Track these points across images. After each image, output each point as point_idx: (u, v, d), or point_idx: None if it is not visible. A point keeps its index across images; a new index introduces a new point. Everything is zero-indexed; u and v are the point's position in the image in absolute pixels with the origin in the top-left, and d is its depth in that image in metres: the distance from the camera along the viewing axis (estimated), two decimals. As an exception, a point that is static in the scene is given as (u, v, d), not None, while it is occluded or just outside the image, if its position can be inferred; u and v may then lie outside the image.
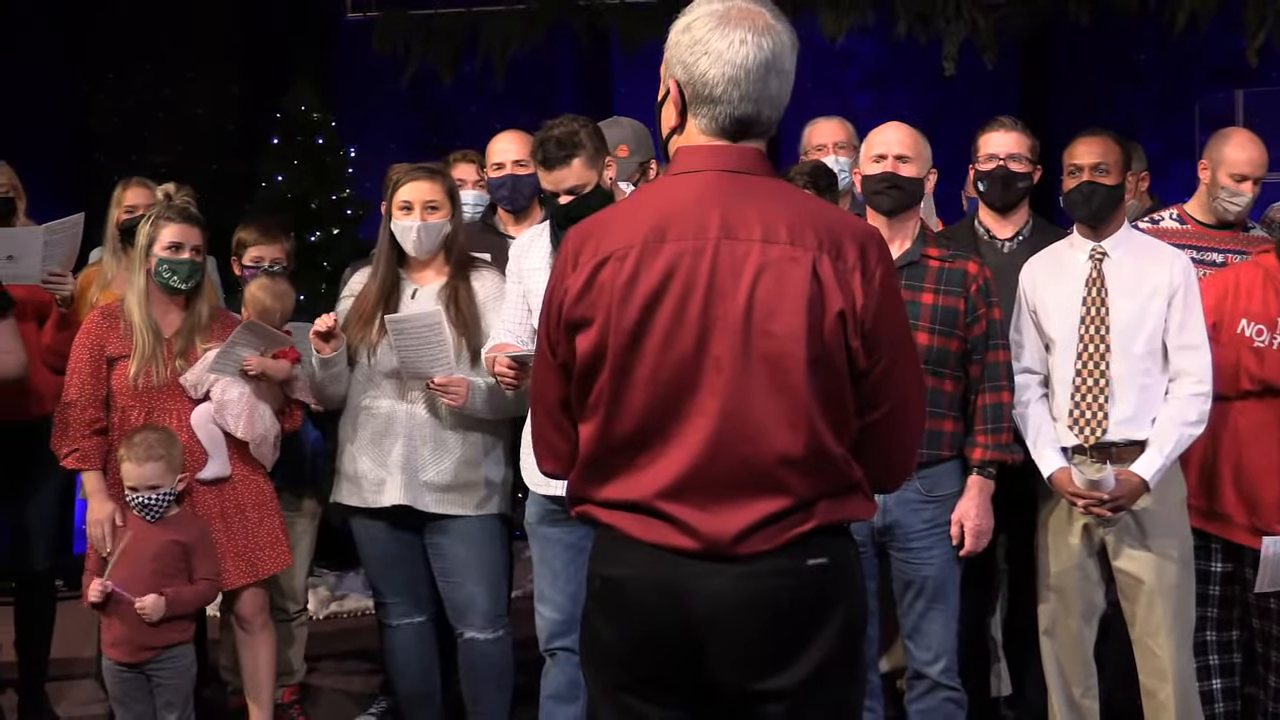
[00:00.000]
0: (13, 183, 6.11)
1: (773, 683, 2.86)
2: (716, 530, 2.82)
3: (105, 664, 5.13)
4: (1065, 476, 4.77)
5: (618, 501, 2.92)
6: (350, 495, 5.20)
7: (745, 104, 2.85)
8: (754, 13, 2.85)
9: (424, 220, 5.06)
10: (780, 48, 2.85)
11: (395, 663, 5.38)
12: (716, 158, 2.88)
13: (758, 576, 2.83)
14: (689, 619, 2.85)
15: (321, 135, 8.27)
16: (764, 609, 2.83)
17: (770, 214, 2.81)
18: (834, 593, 2.89)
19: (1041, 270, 4.98)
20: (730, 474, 2.82)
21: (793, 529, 2.83)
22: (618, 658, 2.98)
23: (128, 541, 4.97)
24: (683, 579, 2.85)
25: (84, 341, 5.18)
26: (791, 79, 2.88)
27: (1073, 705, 4.96)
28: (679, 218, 2.84)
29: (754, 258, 2.79)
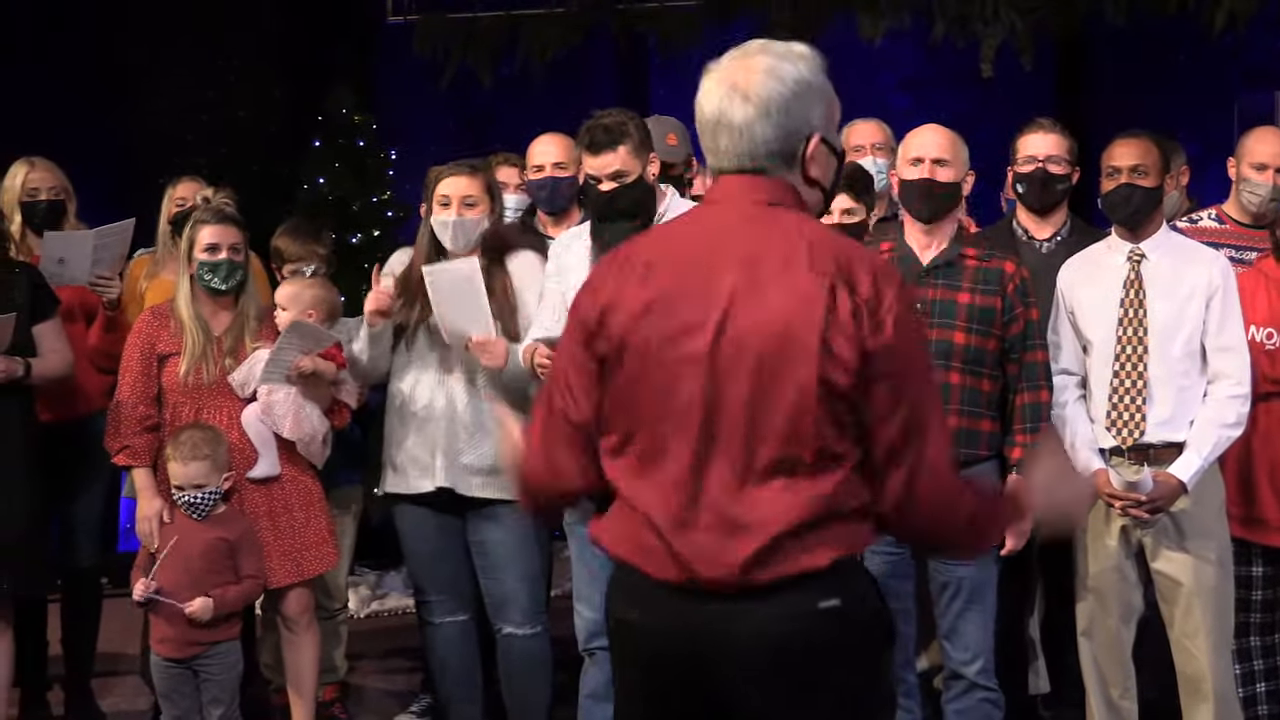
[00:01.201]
0: (63, 184, 6.14)
1: (795, 716, 2.85)
2: (722, 561, 2.80)
3: (152, 659, 5.17)
4: (1103, 478, 4.76)
5: (627, 534, 2.92)
6: (396, 483, 5.23)
7: (709, 154, 2.93)
8: (739, 66, 2.88)
9: (460, 215, 5.08)
10: (730, 105, 2.85)
11: (437, 661, 5.40)
12: (732, 189, 2.91)
13: (770, 621, 2.81)
14: (702, 667, 2.85)
15: (362, 137, 8.29)
16: (777, 657, 2.82)
17: (783, 243, 2.81)
18: (849, 633, 2.86)
19: (1079, 272, 4.97)
20: (731, 501, 2.81)
21: (800, 562, 2.79)
22: (635, 702, 3.01)
23: (174, 544, 5.00)
24: (695, 623, 2.84)
25: (135, 340, 5.24)
26: (754, 136, 2.85)
27: (1111, 706, 4.95)
28: (697, 245, 2.88)
29: (769, 285, 2.78)
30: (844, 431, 2.79)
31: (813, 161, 2.90)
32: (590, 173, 4.77)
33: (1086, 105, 9.01)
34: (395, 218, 8.19)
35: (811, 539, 2.79)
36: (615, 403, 2.91)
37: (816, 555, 2.79)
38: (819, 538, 2.80)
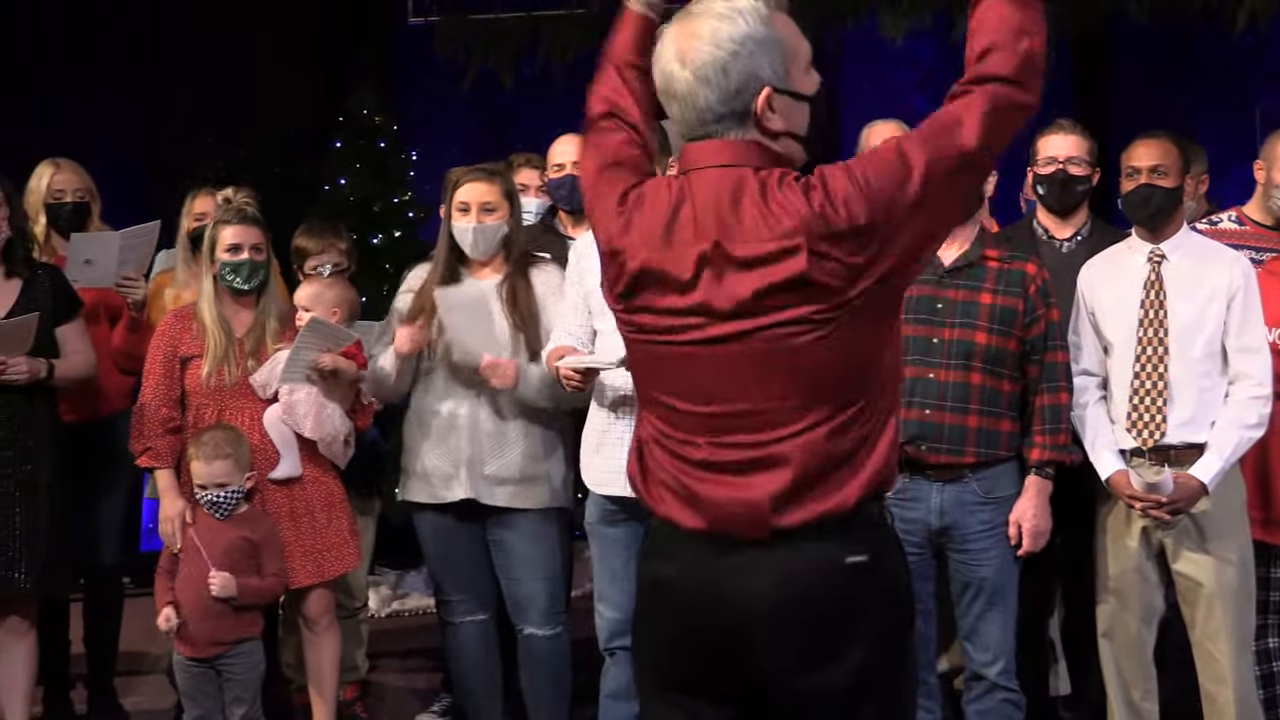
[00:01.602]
0: (88, 186, 6.15)
1: (817, 680, 2.84)
2: (734, 504, 2.84)
3: (175, 659, 5.18)
4: (1123, 479, 4.75)
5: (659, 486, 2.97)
6: (419, 492, 5.24)
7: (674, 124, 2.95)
8: (681, 31, 2.88)
9: (480, 222, 5.09)
10: (670, 74, 2.87)
11: (457, 660, 5.41)
12: (704, 155, 2.89)
13: (797, 574, 2.82)
14: (731, 619, 2.86)
15: (383, 138, 8.32)
16: (803, 610, 2.83)
17: (760, 206, 2.79)
18: (876, 590, 2.87)
19: (1100, 272, 4.96)
20: (738, 445, 2.84)
21: (826, 502, 2.81)
22: (665, 657, 3.00)
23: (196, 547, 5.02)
24: (724, 578, 2.86)
25: (158, 343, 5.26)
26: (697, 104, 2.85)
27: (1132, 707, 4.94)
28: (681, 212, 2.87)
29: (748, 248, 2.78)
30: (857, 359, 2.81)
31: (767, 115, 2.84)
32: (611, 172, 4.76)
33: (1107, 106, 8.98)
34: (416, 218, 8.21)
35: (834, 479, 2.81)
36: (639, 354, 2.98)
37: (839, 496, 2.81)
38: (841, 477, 2.82)
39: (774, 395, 2.81)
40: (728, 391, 2.84)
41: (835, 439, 2.81)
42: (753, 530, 2.83)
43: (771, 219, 2.76)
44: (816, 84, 2.93)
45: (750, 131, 2.85)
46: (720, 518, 2.86)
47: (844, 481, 2.83)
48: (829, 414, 2.81)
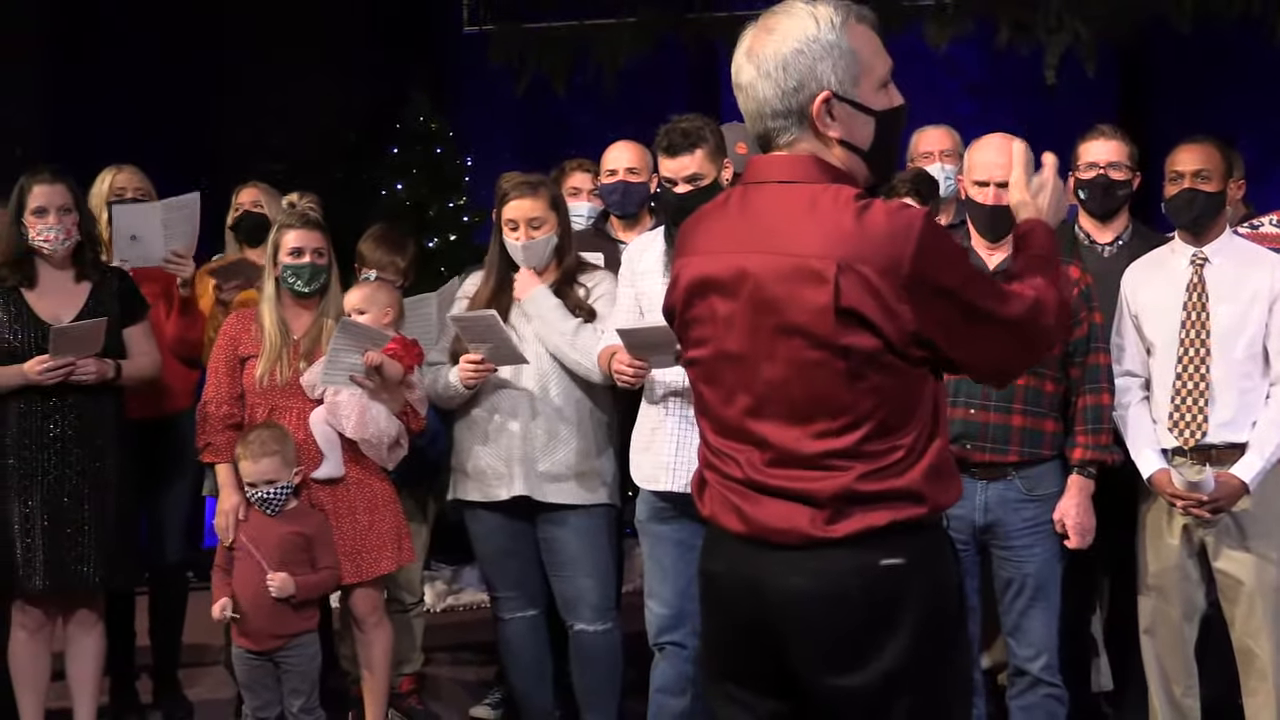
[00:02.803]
0: (148, 187, 6.18)
1: (849, 680, 2.83)
2: (784, 520, 2.84)
3: (235, 652, 5.22)
4: (1165, 478, 4.73)
5: (712, 485, 3.00)
6: (471, 491, 5.25)
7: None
8: (754, 31, 2.88)
9: (529, 237, 5.11)
10: (741, 68, 2.87)
11: (509, 654, 5.43)
12: (767, 169, 2.91)
13: (833, 574, 2.82)
14: (768, 614, 2.87)
15: (439, 144, 8.36)
16: (837, 607, 2.82)
17: (804, 225, 2.79)
18: (910, 592, 2.84)
19: (1143, 275, 4.94)
20: (785, 465, 2.84)
21: (858, 521, 2.80)
22: (719, 650, 3.04)
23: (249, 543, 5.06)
24: (763, 574, 2.87)
25: (222, 342, 5.31)
26: (758, 95, 2.85)
27: (1174, 704, 4.91)
28: (735, 226, 2.89)
29: (786, 270, 2.78)
30: (891, 402, 2.80)
31: (824, 120, 2.82)
32: (666, 175, 4.79)
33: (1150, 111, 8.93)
34: (470, 222, 8.24)
35: (868, 503, 2.81)
36: (693, 368, 3.01)
37: (875, 515, 2.81)
38: (876, 502, 2.81)
39: (809, 432, 2.82)
40: (763, 419, 2.86)
41: (873, 479, 2.81)
42: (792, 541, 2.84)
43: (811, 235, 2.77)
44: (891, 104, 2.90)
45: (807, 135, 2.85)
46: (763, 529, 2.88)
47: (884, 508, 2.81)
48: (862, 456, 2.80)
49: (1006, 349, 2.91)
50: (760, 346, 2.82)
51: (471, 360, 5.07)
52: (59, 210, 5.26)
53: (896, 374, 2.79)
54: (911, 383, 2.82)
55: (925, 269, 2.73)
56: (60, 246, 5.28)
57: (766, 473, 2.86)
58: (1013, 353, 2.93)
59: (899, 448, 2.81)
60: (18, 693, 5.39)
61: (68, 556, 5.20)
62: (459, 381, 5.13)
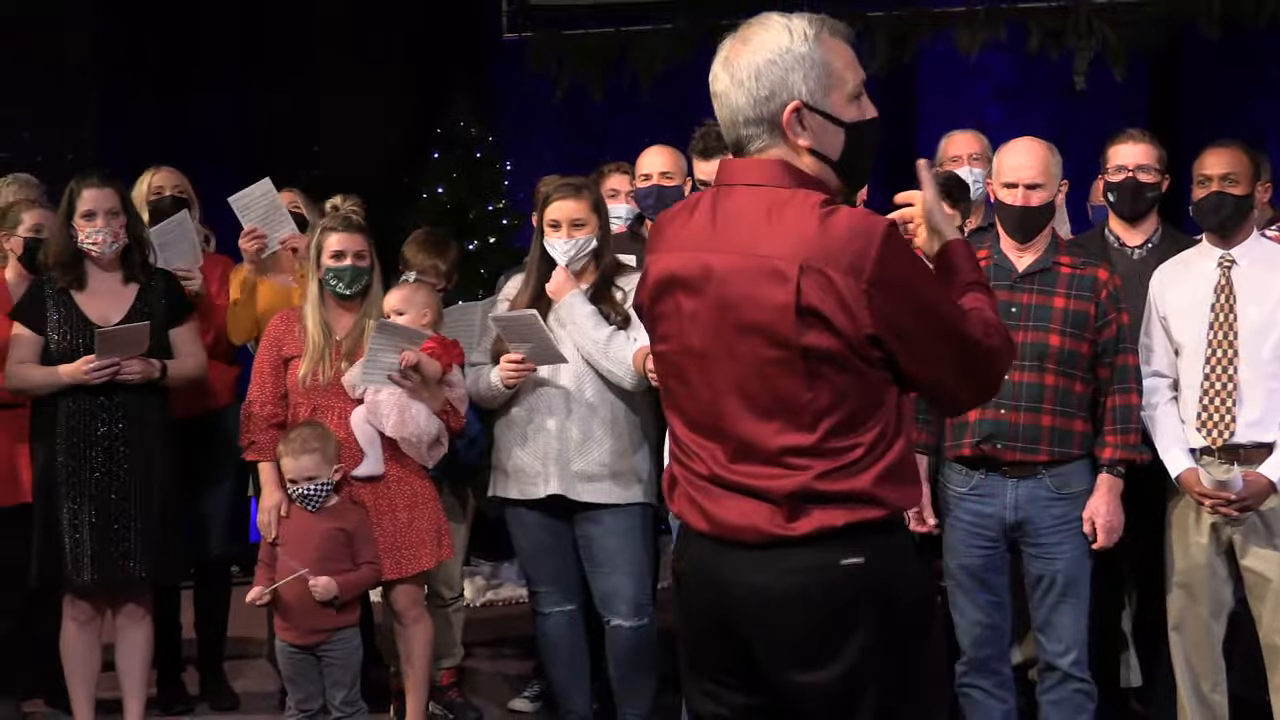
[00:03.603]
0: (186, 186, 6.21)
1: (812, 677, 2.84)
2: (743, 518, 2.86)
3: (278, 645, 5.24)
4: (1193, 477, 4.71)
5: (678, 490, 3.02)
6: (509, 488, 5.26)
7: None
8: (733, 40, 2.91)
9: (571, 237, 5.10)
10: (716, 75, 2.89)
11: (547, 648, 5.42)
12: (737, 172, 2.92)
13: (793, 573, 2.82)
14: (732, 612, 2.89)
15: (479, 149, 8.37)
16: (799, 605, 2.82)
17: (768, 228, 2.80)
18: (871, 591, 2.83)
19: (1171, 277, 4.91)
20: (746, 461, 2.86)
21: (816, 520, 2.80)
22: (689, 646, 3.08)
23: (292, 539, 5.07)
24: (725, 572, 2.89)
25: (266, 343, 5.33)
26: (731, 104, 2.86)
27: (1202, 700, 4.88)
28: (701, 226, 2.91)
29: (749, 270, 2.79)
30: (849, 404, 2.79)
31: (794, 129, 2.83)
32: (701, 178, 4.78)
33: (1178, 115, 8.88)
34: (510, 225, 8.24)
35: (825, 503, 2.81)
36: (659, 362, 3.05)
37: (833, 515, 2.81)
38: (833, 502, 2.81)
39: (769, 430, 2.82)
40: (724, 415, 2.87)
41: (831, 478, 2.80)
42: (753, 538, 2.85)
43: (776, 237, 2.78)
44: (862, 116, 2.89)
45: (778, 143, 2.86)
46: (723, 527, 2.89)
47: (838, 509, 2.81)
48: (821, 454, 2.80)
49: (956, 365, 2.85)
50: (723, 344, 2.85)
51: (512, 360, 5.08)
52: (107, 214, 5.28)
53: (856, 374, 2.79)
54: (872, 384, 2.82)
55: (886, 273, 2.73)
56: (108, 249, 5.30)
57: (729, 469, 2.88)
58: (961, 371, 2.87)
59: (858, 446, 2.81)
60: (69, 683, 5.43)
61: (115, 551, 5.23)
62: (500, 381, 5.13)
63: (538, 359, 5.06)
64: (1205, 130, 5.74)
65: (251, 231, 5.88)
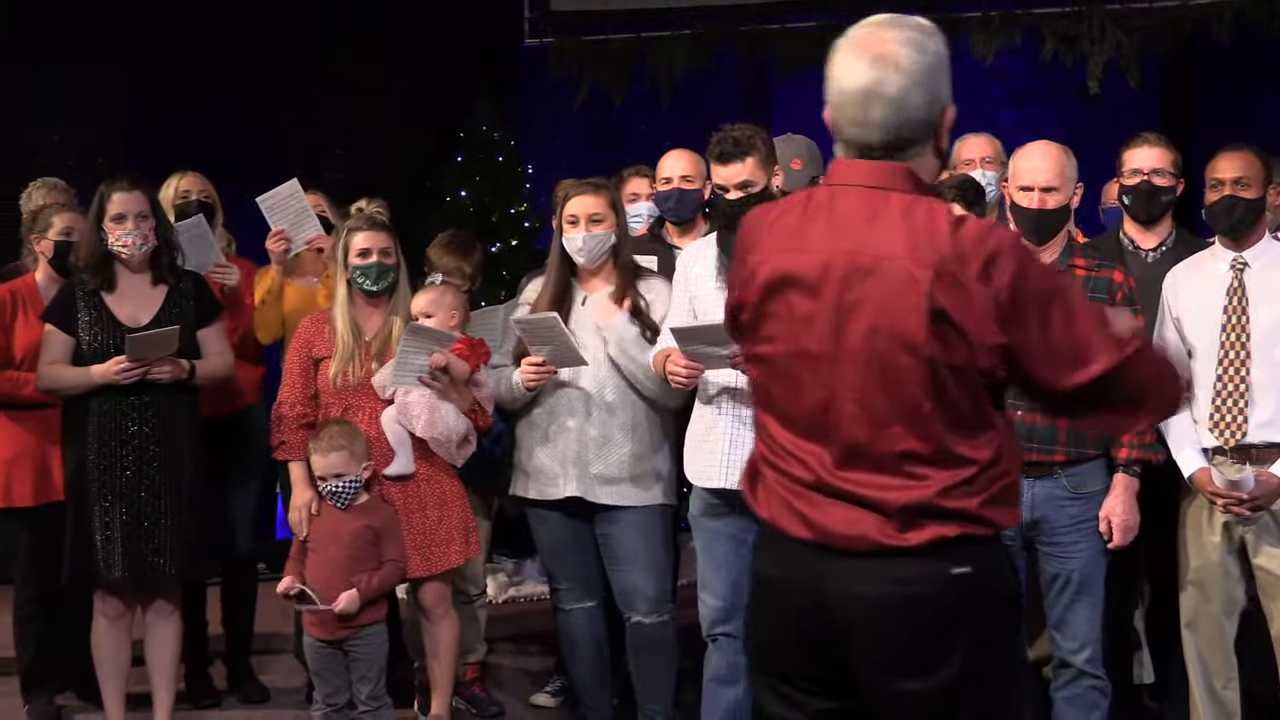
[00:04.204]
0: (211, 190, 6.23)
1: (914, 685, 2.81)
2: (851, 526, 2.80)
3: (305, 640, 5.25)
4: (1205, 476, 4.69)
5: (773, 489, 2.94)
6: (531, 489, 5.26)
7: (853, 128, 2.82)
8: (880, 39, 2.79)
9: (588, 231, 5.10)
10: (884, 75, 2.77)
11: (568, 644, 5.43)
12: (858, 173, 2.84)
13: (902, 582, 2.78)
14: (831, 619, 2.83)
15: (501, 153, 8.38)
16: (906, 614, 2.79)
17: (897, 231, 2.76)
18: (977, 601, 2.81)
19: (1184, 279, 4.89)
20: (856, 468, 2.80)
21: (930, 530, 2.77)
22: (773, 651, 2.99)
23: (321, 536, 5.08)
24: (827, 581, 2.82)
25: (296, 345, 5.36)
26: (907, 105, 2.78)
27: (1214, 696, 4.87)
28: (819, 227, 2.83)
29: (877, 272, 2.75)
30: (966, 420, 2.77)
31: (944, 132, 2.85)
32: (718, 182, 4.78)
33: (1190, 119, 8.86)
34: (531, 228, 8.25)
35: (936, 516, 2.77)
36: (760, 363, 2.94)
37: (947, 528, 2.77)
38: (947, 513, 2.77)
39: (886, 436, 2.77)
40: (837, 419, 2.80)
41: (947, 495, 2.77)
42: (862, 547, 2.80)
43: (907, 241, 2.74)
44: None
45: (929, 147, 2.84)
46: (828, 534, 2.83)
47: (959, 518, 2.78)
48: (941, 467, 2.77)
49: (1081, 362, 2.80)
50: (843, 346, 2.78)
51: (533, 362, 5.08)
52: (137, 217, 5.30)
53: (972, 388, 2.76)
54: (983, 401, 2.79)
55: (1017, 282, 2.71)
56: (138, 251, 5.32)
57: (837, 475, 2.82)
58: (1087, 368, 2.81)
59: (974, 463, 2.78)
60: (100, 677, 5.46)
61: (145, 548, 5.25)
62: (521, 383, 5.13)
63: (558, 361, 5.06)
64: (1217, 134, 5.70)
65: (279, 233, 5.92)
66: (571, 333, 5.04)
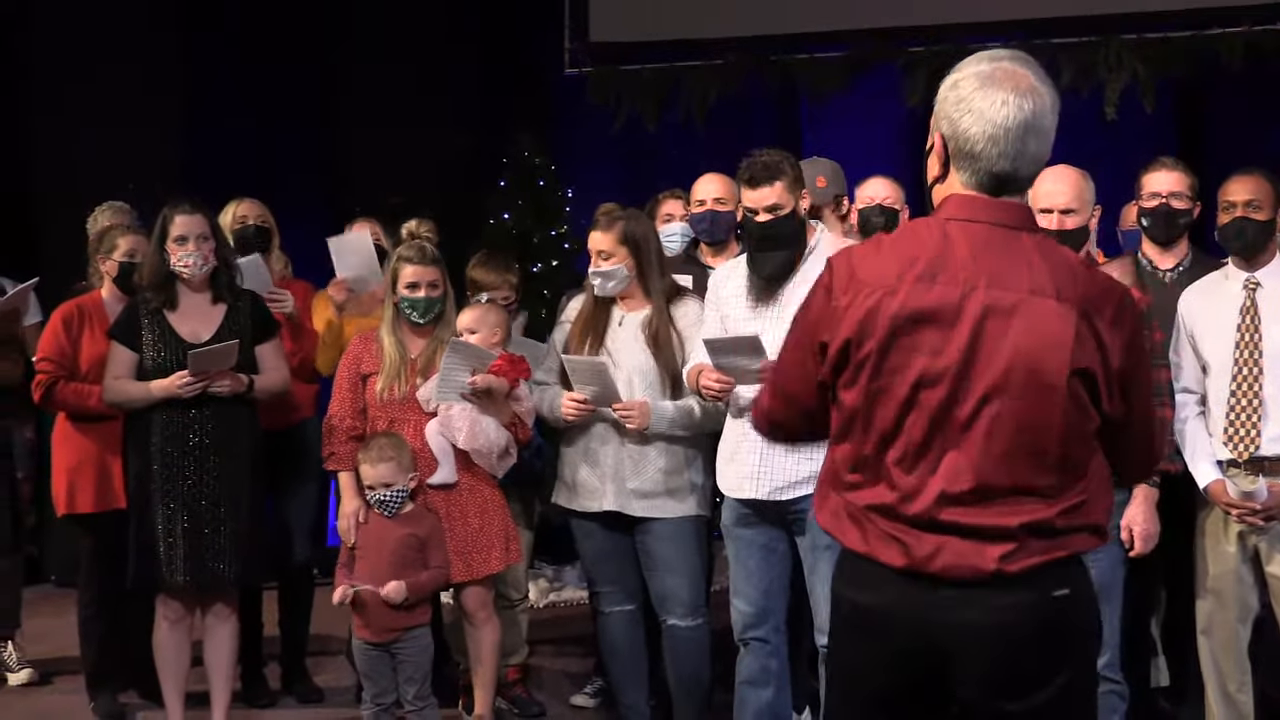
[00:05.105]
0: (268, 215, 6.28)
1: (1016, 705, 2.78)
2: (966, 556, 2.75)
3: (354, 643, 5.28)
4: (1220, 488, 4.68)
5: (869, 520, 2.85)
6: (570, 500, 5.29)
7: (1003, 161, 2.77)
8: (1018, 74, 2.77)
9: (596, 266, 5.16)
10: (1041, 109, 2.76)
11: (607, 646, 5.44)
12: (989, 210, 2.79)
13: (1008, 608, 2.75)
14: (934, 645, 2.78)
15: (542, 178, 8.40)
16: (1015, 639, 2.76)
17: (1037, 268, 2.73)
18: (1076, 622, 2.82)
19: (1199, 298, 4.88)
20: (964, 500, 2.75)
21: (1037, 556, 2.74)
22: (867, 676, 2.91)
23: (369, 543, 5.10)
24: (930, 609, 2.78)
25: (346, 362, 5.40)
26: (1050, 138, 2.79)
27: (1228, 700, 4.85)
28: (951, 261, 2.76)
29: (1021, 309, 2.71)
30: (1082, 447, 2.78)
31: None
32: (748, 205, 4.78)
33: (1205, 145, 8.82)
34: (571, 249, 8.27)
35: (1048, 542, 2.76)
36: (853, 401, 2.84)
37: (1047, 553, 2.76)
38: (1055, 540, 2.76)
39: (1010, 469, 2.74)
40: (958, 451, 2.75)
41: (1063, 517, 2.77)
42: (967, 576, 2.76)
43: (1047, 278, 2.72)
44: None
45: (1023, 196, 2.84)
46: (931, 564, 2.76)
47: (1065, 544, 2.78)
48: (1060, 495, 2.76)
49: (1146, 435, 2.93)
50: (973, 379, 2.72)
51: (575, 399, 5.11)
52: (198, 238, 5.34)
53: (1089, 422, 2.77)
54: (1091, 436, 2.80)
55: (1134, 330, 2.76)
56: (199, 271, 5.36)
57: (943, 507, 2.75)
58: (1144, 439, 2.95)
59: (1082, 494, 2.79)
60: (161, 677, 5.49)
61: (205, 554, 5.28)
62: (562, 413, 5.18)
63: (601, 401, 5.10)
64: (1230, 159, 5.69)
65: (341, 283, 5.96)
66: (608, 353, 5.07)
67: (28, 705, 6.17)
